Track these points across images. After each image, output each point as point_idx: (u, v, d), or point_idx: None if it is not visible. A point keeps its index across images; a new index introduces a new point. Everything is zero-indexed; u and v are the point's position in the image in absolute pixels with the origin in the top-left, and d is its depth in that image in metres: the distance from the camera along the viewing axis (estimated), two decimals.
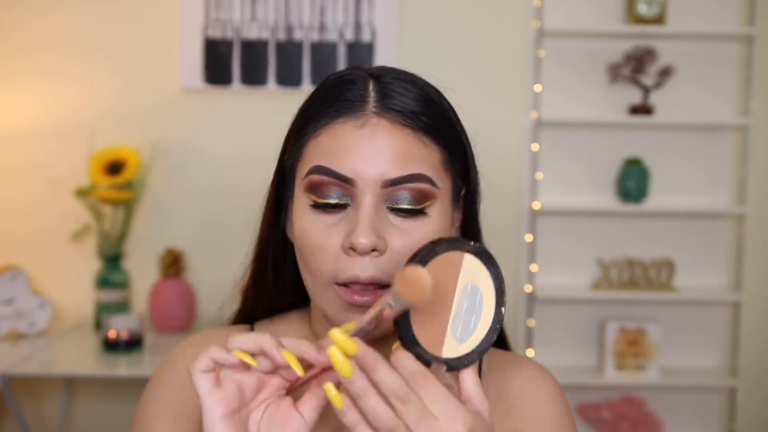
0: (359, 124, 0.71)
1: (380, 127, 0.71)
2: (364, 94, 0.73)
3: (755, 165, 2.49)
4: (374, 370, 0.58)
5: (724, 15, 2.45)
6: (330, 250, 0.71)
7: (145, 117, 2.41)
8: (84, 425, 2.44)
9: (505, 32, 2.45)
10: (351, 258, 0.70)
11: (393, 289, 0.59)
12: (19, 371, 1.93)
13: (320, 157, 0.72)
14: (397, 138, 0.71)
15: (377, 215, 0.70)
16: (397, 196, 0.71)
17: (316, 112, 0.74)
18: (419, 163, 0.72)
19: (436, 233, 0.72)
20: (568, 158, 2.48)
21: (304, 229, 0.73)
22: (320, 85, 0.77)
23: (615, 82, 2.46)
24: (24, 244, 2.41)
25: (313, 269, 0.72)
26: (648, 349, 2.41)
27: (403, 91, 0.74)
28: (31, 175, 2.39)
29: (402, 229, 0.71)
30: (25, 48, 2.40)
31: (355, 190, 0.70)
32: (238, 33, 2.40)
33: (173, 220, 2.42)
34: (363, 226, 0.69)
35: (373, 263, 0.70)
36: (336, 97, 0.73)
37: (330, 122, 0.72)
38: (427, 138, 0.73)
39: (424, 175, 0.71)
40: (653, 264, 2.44)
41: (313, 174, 0.72)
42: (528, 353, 2.41)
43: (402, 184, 0.70)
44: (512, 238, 2.48)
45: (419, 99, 0.74)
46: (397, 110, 0.72)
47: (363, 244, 0.68)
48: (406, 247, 0.70)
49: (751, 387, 2.54)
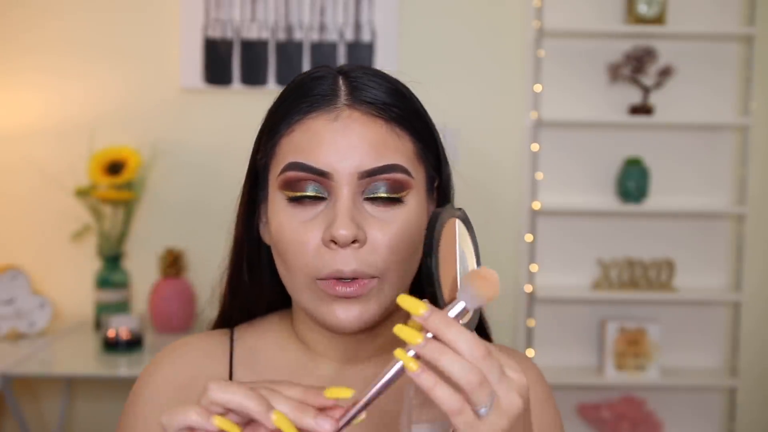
0: (332, 117, 0.71)
1: (353, 120, 0.71)
2: (335, 88, 0.73)
3: (755, 165, 2.49)
4: (449, 326, 0.54)
5: (724, 15, 2.45)
6: (309, 245, 0.70)
7: (145, 117, 2.41)
8: (84, 425, 2.44)
9: (505, 32, 2.45)
10: (332, 252, 0.69)
11: (471, 291, 0.56)
12: (19, 371, 1.94)
13: (294, 153, 0.71)
14: (371, 129, 0.71)
15: (355, 207, 0.70)
16: (373, 186, 0.71)
17: (287, 109, 0.74)
18: (394, 153, 0.72)
19: (413, 223, 0.72)
20: (568, 158, 2.48)
21: (281, 226, 0.72)
22: (289, 84, 0.77)
23: (615, 82, 2.46)
24: (24, 244, 2.41)
25: (292, 266, 0.72)
26: (648, 349, 2.41)
27: (374, 85, 0.74)
28: (32, 175, 2.39)
29: (380, 219, 0.71)
30: (25, 48, 2.40)
31: (332, 184, 0.70)
32: (238, 33, 2.40)
33: (173, 220, 2.42)
34: (343, 218, 0.68)
35: (354, 255, 0.69)
36: (307, 93, 0.73)
37: (302, 118, 0.72)
38: (400, 129, 0.73)
39: (400, 165, 0.71)
40: (653, 264, 2.44)
41: (288, 170, 0.71)
42: (528, 353, 2.42)
43: (378, 175, 0.70)
44: (512, 238, 2.48)
45: (390, 92, 0.74)
46: (368, 102, 0.72)
47: (344, 235, 0.68)
48: (386, 237, 0.70)
49: (751, 387, 2.54)
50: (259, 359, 0.80)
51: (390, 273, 0.71)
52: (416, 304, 0.54)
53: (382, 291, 0.72)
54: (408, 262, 0.73)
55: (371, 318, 0.72)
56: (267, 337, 0.82)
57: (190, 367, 0.79)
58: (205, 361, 0.80)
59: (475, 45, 2.45)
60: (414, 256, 0.73)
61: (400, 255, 0.72)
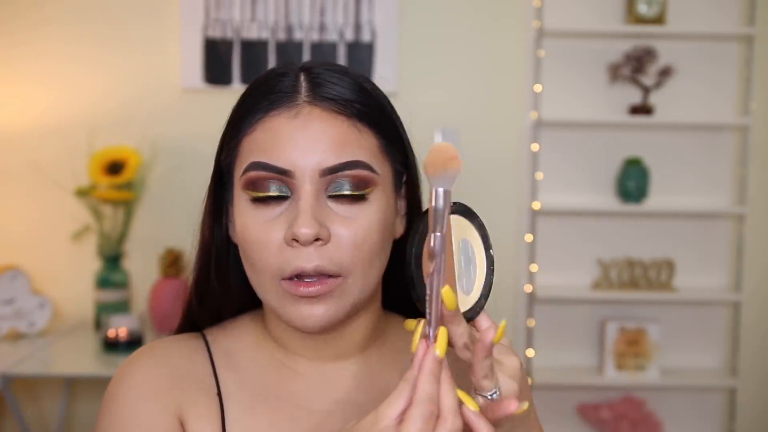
0: (292, 114, 0.71)
1: (314, 116, 0.70)
2: (296, 85, 0.72)
3: (755, 165, 2.49)
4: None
5: (724, 15, 2.45)
6: (273, 244, 0.70)
7: (145, 117, 2.41)
8: (84, 425, 2.44)
9: (505, 32, 2.45)
10: (295, 250, 0.69)
11: (439, 174, 0.59)
12: (19, 371, 1.94)
13: (256, 153, 0.71)
14: (332, 125, 0.70)
15: (318, 204, 0.69)
16: (336, 183, 0.70)
17: (249, 108, 0.73)
18: (356, 149, 0.71)
19: (379, 220, 0.72)
20: (568, 158, 2.48)
21: (245, 226, 0.71)
22: (252, 82, 0.76)
23: (615, 82, 2.46)
24: (24, 244, 2.41)
25: (257, 266, 0.71)
26: (648, 349, 2.41)
27: (336, 80, 0.73)
28: (31, 175, 2.39)
29: (344, 216, 0.70)
30: (25, 48, 2.40)
31: (294, 182, 0.69)
32: (238, 33, 2.40)
33: (173, 220, 2.41)
34: (304, 216, 0.68)
35: (317, 253, 0.69)
36: (268, 91, 0.72)
37: (263, 116, 0.72)
38: (361, 125, 0.72)
39: (362, 161, 0.71)
40: (653, 264, 2.44)
41: (250, 171, 0.70)
42: (528, 353, 2.42)
43: (340, 172, 0.70)
44: (512, 238, 2.48)
45: (351, 87, 0.73)
46: (329, 98, 0.71)
47: (305, 233, 0.67)
48: (350, 234, 0.70)
49: (751, 387, 2.54)
50: (240, 360, 0.79)
51: (355, 270, 0.71)
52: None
53: (346, 289, 0.71)
54: (374, 259, 0.72)
55: (335, 317, 0.71)
56: (242, 339, 0.81)
57: (172, 368, 0.77)
58: (188, 363, 0.78)
59: (475, 45, 2.45)
60: (380, 254, 0.73)
61: (365, 252, 0.71)
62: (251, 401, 0.76)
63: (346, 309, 0.72)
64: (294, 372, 0.78)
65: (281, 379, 0.78)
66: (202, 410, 0.75)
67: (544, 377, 2.40)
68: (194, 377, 0.77)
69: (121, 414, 0.73)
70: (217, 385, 0.77)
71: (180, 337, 0.82)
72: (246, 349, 0.80)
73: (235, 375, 0.78)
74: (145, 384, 0.75)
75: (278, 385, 0.77)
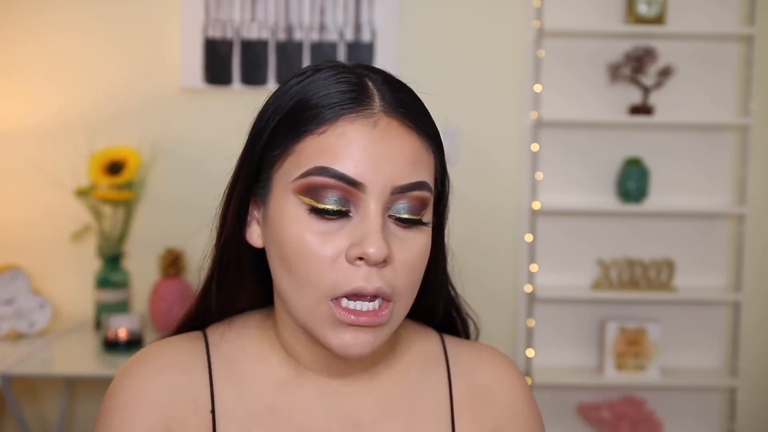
0: (370, 123, 0.66)
1: (391, 128, 0.66)
2: (367, 91, 0.68)
3: (755, 165, 2.49)
4: None
5: (724, 15, 2.45)
6: (328, 260, 0.64)
7: (145, 117, 2.41)
8: (84, 425, 2.44)
9: (505, 32, 2.45)
10: (355, 269, 0.64)
11: None
12: (19, 371, 1.93)
13: (324, 157, 0.65)
14: (408, 142, 0.67)
15: (384, 223, 0.66)
16: (398, 205, 0.66)
17: (317, 104, 0.67)
18: (423, 169, 0.68)
19: (428, 245, 0.69)
20: (568, 158, 2.48)
21: (298, 236, 0.65)
22: (311, 76, 0.70)
23: (615, 82, 2.46)
24: (24, 244, 2.41)
25: (303, 280, 0.65)
26: (648, 349, 2.41)
27: (401, 93, 0.70)
28: (31, 175, 2.39)
29: (402, 239, 0.67)
30: (24, 48, 2.40)
31: (362, 196, 0.65)
32: (238, 33, 2.40)
33: (173, 220, 2.41)
34: (376, 236, 0.63)
35: (379, 274, 0.65)
36: (339, 91, 0.67)
37: (336, 119, 0.66)
38: (427, 143, 0.69)
39: (427, 183, 0.68)
40: (653, 264, 2.44)
41: (313, 175, 0.65)
42: (528, 353, 2.42)
43: (408, 192, 0.66)
44: (512, 238, 2.48)
45: (415, 102, 0.71)
46: (402, 111, 0.68)
47: (376, 254, 0.63)
48: (406, 258, 0.67)
49: (751, 387, 2.54)
50: (241, 371, 0.75)
51: (404, 295, 0.68)
52: None
53: (393, 316, 0.67)
54: (417, 284, 0.70)
55: (381, 344, 0.68)
56: (246, 347, 0.76)
57: (165, 381, 0.73)
58: (182, 376, 0.73)
59: (475, 45, 2.45)
60: (421, 278, 0.70)
61: (415, 277, 0.68)
62: (246, 418, 0.72)
63: (389, 336, 0.69)
64: (296, 387, 0.74)
65: (281, 396, 0.74)
66: (191, 430, 0.71)
67: (544, 377, 2.40)
68: (188, 392, 0.73)
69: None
70: (212, 400, 0.73)
71: (178, 341, 0.77)
72: (249, 359, 0.75)
73: (232, 389, 0.74)
74: (134, 402, 0.71)
75: (277, 401, 0.73)
